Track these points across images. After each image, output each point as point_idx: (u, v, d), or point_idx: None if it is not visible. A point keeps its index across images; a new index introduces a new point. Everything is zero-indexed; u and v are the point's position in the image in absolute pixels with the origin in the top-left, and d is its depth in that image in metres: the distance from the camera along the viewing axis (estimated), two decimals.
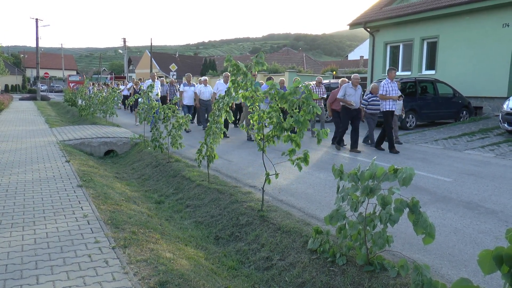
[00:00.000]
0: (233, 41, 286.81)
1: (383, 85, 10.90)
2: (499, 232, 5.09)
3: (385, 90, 10.83)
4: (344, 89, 10.86)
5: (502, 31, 16.33)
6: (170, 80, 20.23)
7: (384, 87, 10.86)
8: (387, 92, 10.82)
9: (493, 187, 7.29)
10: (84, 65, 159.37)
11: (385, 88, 10.83)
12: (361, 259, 3.82)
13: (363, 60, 49.92)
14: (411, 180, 3.18)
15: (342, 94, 10.88)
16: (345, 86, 10.90)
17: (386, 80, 10.93)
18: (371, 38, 22.43)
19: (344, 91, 10.85)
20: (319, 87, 14.10)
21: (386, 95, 10.80)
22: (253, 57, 5.33)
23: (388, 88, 10.82)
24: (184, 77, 16.68)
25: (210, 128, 6.68)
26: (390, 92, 10.81)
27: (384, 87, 10.86)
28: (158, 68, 63.62)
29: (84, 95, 22.63)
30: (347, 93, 10.81)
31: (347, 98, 10.83)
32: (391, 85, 10.83)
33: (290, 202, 6.37)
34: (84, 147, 11.45)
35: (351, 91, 10.83)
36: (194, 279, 3.78)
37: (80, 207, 5.60)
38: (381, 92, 10.92)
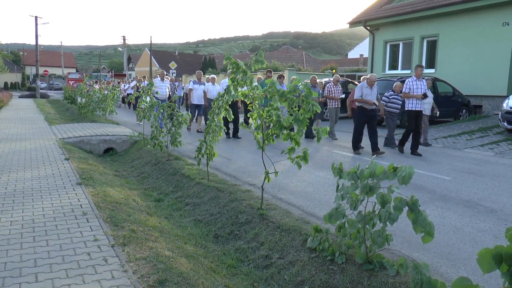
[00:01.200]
0: (232, 39, 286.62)
1: (407, 83, 10.27)
2: (499, 231, 5.09)
3: (409, 88, 10.17)
4: (361, 89, 10.29)
5: (502, 30, 16.32)
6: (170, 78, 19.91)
7: (408, 84, 10.22)
8: (410, 90, 10.14)
9: (493, 186, 7.29)
10: (84, 63, 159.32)
11: (409, 85, 10.16)
12: (360, 258, 3.82)
13: (362, 58, 49.93)
14: (411, 179, 3.18)
15: (359, 94, 10.28)
16: (361, 86, 10.35)
17: (411, 78, 10.24)
18: (371, 37, 22.41)
19: (360, 91, 10.27)
20: (337, 86, 13.35)
21: (409, 94, 10.16)
22: (252, 55, 5.31)
23: (412, 86, 10.13)
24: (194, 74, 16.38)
25: (210, 126, 6.67)
26: (414, 91, 10.12)
27: (408, 85, 10.21)
28: (157, 66, 63.56)
29: (84, 93, 22.61)
30: (364, 92, 10.23)
31: (363, 98, 10.26)
32: (416, 83, 10.14)
33: (289, 201, 6.37)
34: (83, 145, 11.44)
35: (367, 90, 10.25)
36: (193, 277, 3.78)
37: (79, 205, 5.60)
38: (405, 90, 10.30)
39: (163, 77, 15.48)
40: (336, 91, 13.18)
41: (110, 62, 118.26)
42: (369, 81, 10.26)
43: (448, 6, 17.64)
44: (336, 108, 13.18)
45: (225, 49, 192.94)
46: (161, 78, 15.32)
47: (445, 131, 14.22)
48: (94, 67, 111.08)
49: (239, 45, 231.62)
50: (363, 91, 10.21)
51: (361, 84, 10.35)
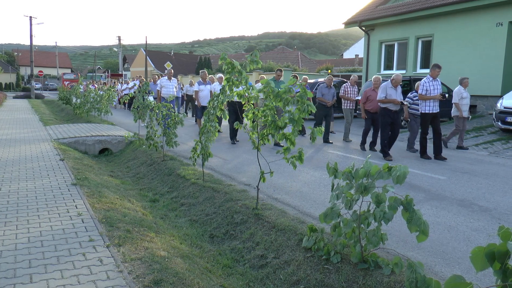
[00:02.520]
0: (228, 40, 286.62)
1: (423, 84, 9.58)
2: (492, 230, 5.12)
3: (425, 89, 9.51)
4: (385, 90, 9.65)
5: (496, 30, 16.41)
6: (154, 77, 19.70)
7: (424, 85, 9.54)
8: (427, 92, 9.49)
9: (487, 185, 7.33)
10: (79, 63, 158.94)
11: (426, 86, 9.50)
12: (355, 257, 3.83)
13: (358, 58, 50.03)
14: (405, 178, 3.19)
15: (383, 95, 9.66)
16: (385, 86, 9.69)
17: (427, 78, 9.59)
18: (366, 37, 22.46)
19: (384, 92, 9.65)
20: (353, 87, 12.80)
21: (426, 95, 9.50)
22: (248, 56, 5.33)
23: (429, 87, 9.47)
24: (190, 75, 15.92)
25: (205, 127, 6.67)
26: (432, 92, 9.46)
27: (424, 86, 9.53)
28: (153, 66, 63.48)
29: (79, 93, 22.54)
30: (388, 93, 9.63)
31: (388, 98, 9.66)
32: (433, 83, 9.49)
33: (284, 200, 6.38)
34: (78, 145, 11.42)
35: (392, 91, 9.65)
36: (189, 277, 3.78)
37: (74, 206, 5.58)
38: (421, 91, 9.60)
39: (171, 76, 14.69)
40: (353, 92, 12.73)
41: (105, 63, 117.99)
42: (393, 82, 9.69)
43: (443, 6, 17.71)
44: (351, 109, 12.72)
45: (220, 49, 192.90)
46: (168, 77, 14.57)
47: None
48: (89, 67, 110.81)
49: (234, 45, 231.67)
50: (388, 92, 9.64)
51: (385, 84, 9.73)
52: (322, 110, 12.30)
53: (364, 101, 11.13)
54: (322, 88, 12.39)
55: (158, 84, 14.51)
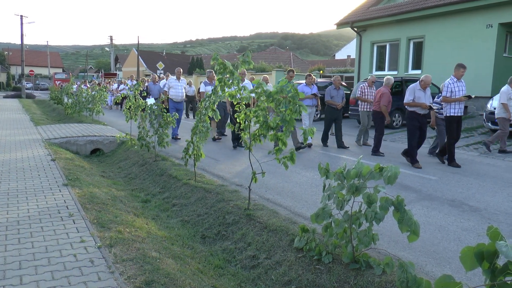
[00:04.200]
0: (220, 40, 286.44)
1: (447, 85, 8.93)
2: (482, 229, 5.16)
3: (450, 90, 8.85)
4: (413, 92, 9.00)
5: (486, 32, 16.57)
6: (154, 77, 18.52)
7: (448, 87, 8.89)
8: (452, 94, 8.83)
9: (477, 185, 7.39)
10: (71, 62, 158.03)
11: (450, 88, 8.86)
12: (347, 257, 3.85)
13: (350, 59, 50.15)
14: (396, 179, 3.21)
15: (411, 98, 9.01)
16: (413, 88, 9.05)
17: (452, 79, 8.95)
18: (358, 38, 22.55)
19: (412, 94, 9.01)
20: (371, 88, 12.12)
21: (451, 97, 8.83)
22: (240, 56, 5.33)
23: (453, 88, 8.85)
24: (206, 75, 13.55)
25: (197, 127, 6.66)
26: (457, 94, 8.82)
27: (448, 87, 8.89)
28: (145, 66, 63.26)
29: (70, 93, 22.40)
30: (416, 95, 8.99)
31: (416, 101, 9.00)
32: (457, 84, 8.87)
33: (276, 201, 6.39)
34: (70, 145, 11.35)
35: (420, 93, 8.99)
36: (180, 278, 3.77)
37: (65, 206, 5.55)
38: (445, 93, 8.93)
39: (180, 76, 13.35)
40: (370, 93, 11.99)
41: (97, 62, 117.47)
42: (423, 83, 9.00)
43: (434, 8, 17.85)
44: (369, 111, 11.94)
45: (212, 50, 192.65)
46: (177, 76, 13.29)
47: (431, 132, 14.33)
48: (81, 67, 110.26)
49: (226, 45, 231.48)
50: (416, 94, 8.99)
51: (414, 86, 9.09)
52: (331, 114, 11.66)
53: (387, 103, 10.37)
54: (331, 90, 11.64)
55: (166, 85, 13.40)
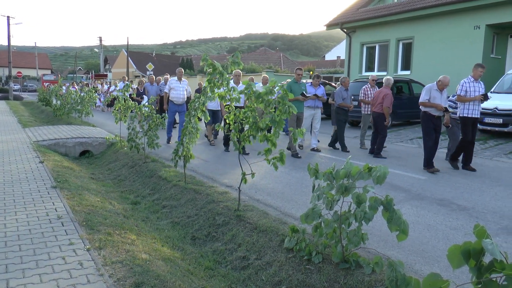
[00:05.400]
0: (210, 41, 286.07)
1: (462, 84, 8.61)
2: (470, 228, 5.20)
3: (465, 89, 8.55)
4: (429, 92, 8.65)
5: (474, 33, 16.76)
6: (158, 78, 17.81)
7: (463, 86, 8.58)
8: (467, 93, 8.52)
9: (465, 185, 7.45)
10: (59, 64, 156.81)
11: (465, 87, 8.55)
12: (336, 257, 3.86)
13: (340, 60, 50.38)
14: (385, 179, 3.23)
15: (427, 97, 8.66)
16: (429, 87, 8.71)
17: (468, 78, 8.64)
18: (347, 39, 22.66)
19: (428, 94, 8.65)
20: (374, 89, 11.56)
21: (466, 97, 8.52)
22: (229, 57, 5.33)
23: (468, 87, 8.52)
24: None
25: (186, 128, 6.65)
26: (471, 94, 8.49)
27: (463, 86, 8.57)
28: (134, 67, 62.99)
29: (59, 94, 22.22)
30: (432, 95, 8.63)
31: (431, 102, 8.66)
32: (474, 84, 8.53)
33: (266, 202, 6.39)
34: (58, 147, 11.27)
35: (436, 94, 8.62)
36: (170, 280, 3.76)
37: (54, 209, 5.51)
38: (459, 92, 8.62)
39: (181, 77, 12.59)
40: (372, 95, 11.31)
41: (86, 63, 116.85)
42: (440, 84, 8.64)
43: (423, 9, 18.01)
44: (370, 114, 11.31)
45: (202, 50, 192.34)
46: (178, 77, 12.50)
47: (420, 131, 14.43)
48: (70, 68, 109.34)
49: (216, 46, 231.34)
50: (431, 94, 8.64)
51: (430, 86, 8.75)
52: (343, 116, 11.19)
53: (390, 104, 10.22)
54: (342, 92, 11.15)
55: (167, 86, 12.79)
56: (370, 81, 11.81)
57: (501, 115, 12.28)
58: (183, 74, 12.76)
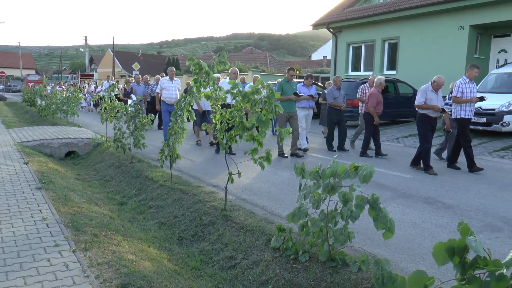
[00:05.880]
0: (197, 40, 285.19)
1: (458, 85, 8.54)
2: (455, 226, 5.22)
3: (461, 91, 8.47)
4: (424, 93, 8.49)
5: (458, 33, 16.98)
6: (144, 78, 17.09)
7: (460, 87, 8.50)
8: (463, 94, 8.45)
9: (450, 183, 7.54)
10: (44, 64, 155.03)
11: (461, 88, 8.47)
12: (323, 255, 3.88)
13: (326, 60, 50.58)
14: (371, 177, 3.25)
15: (423, 100, 8.49)
16: (425, 89, 8.53)
17: (463, 79, 8.55)
18: (333, 39, 22.76)
19: (424, 96, 8.49)
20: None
21: (462, 98, 8.47)
22: (215, 56, 5.32)
23: (465, 88, 8.45)
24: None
25: (173, 128, 6.62)
26: (468, 95, 8.44)
27: (460, 87, 8.49)
28: (120, 67, 62.58)
29: (43, 95, 21.98)
30: (428, 97, 8.46)
31: (428, 104, 8.51)
32: (469, 85, 8.47)
33: (253, 201, 6.39)
34: (43, 148, 11.14)
35: (432, 95, 8.46)
36: (157, 280, 3.74)
37: (39, 210, 5.44)
38: (455, 93, 8.55)
39: (173, 76, 12.26)
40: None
41: (71, 63, 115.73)
42: (435, 84, 8.48)
43: (408, 10, 18.18)
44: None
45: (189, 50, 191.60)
46: (170, 77, 12.19)
47: (406, 130, 14.59)
48: (55, 68, 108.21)
49: (203, 46, 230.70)
50: (427, 96, 8.48)
51: (425, 88, 8.56)
52: (335, 116, 11.10)
53: (375, 104, 10.15)
54: (333, 91, 11.08)
55: (158, 86, 12.57)
56: (370, 81, 11.56)
57: (485, 114, 12.45)
58: (174, 74, 12.44)
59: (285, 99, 9.63)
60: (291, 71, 10.17)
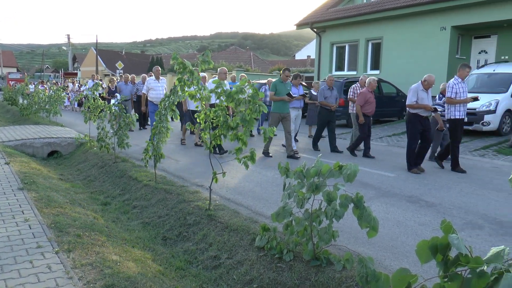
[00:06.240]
0: (180, 39, 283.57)
1: (452, 86, 8.43)
2: (438, 224, 5.33)
3: (455, 91, 8.37)
4: (416, 93, 8.40)
5: (440, 34, 17.21)
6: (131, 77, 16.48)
7: (453, 87, 8.39)
8: (457, 95, 8.36)
9: (433, 182, 7.63)
10: (26, 62, 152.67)
11: (455, 89, 8.37)
12: (307, 254, 3.90)
13: (310, 59, 50.70)
14: (356, 176, 3.28)
15: (414, 99, 8.41)
16: (415, 88, 8.44)
17: (456, 79, 8.47)
18: (317, 38, 22.86)
19: (415, 96, 8.40)
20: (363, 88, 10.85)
21: (455, 99, 8.37)
22: (199, 56, 5.30)
23: (458, 89, 8.37)
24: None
25: (157, 127, 6.59)
26: (461, 95, 8.36)
27: (453, 88, 8.39)
28: (104, 66, 61.97)
29: (25, 93, 21.66)
30: (419, 96, 8.40)
31: (419, 103, 8.43)
32: (462, 85, 8.41)
33: (237, 201, 6.39)
34: (25, 148, 10.99)
35: (424, 94, 8.42)
36: (141, 281, 3.72)
37: (21, 211, 5.37)
38: (449, 94, 8.42)
39: (159, 76, 12.14)
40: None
41: (54, 62, 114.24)
42: (426, 83, 8.43)
43: (391, 10, 18.36)
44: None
45: (172, 49, 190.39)
46: (155, 76, 12.09)
47: (389, 130, 14.72)
48: (37, 66, 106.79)
49: (187, 45, 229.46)
50: (419, 95, 8.39)
51: (416, 87, 8.48)
52: (325, 115, 10.98)
53: (363, 103, 10.05)
54: (324, 91, 11.03)
55: (145, 87, 12.37)
56: (361, 81, 11.30)
57: (466, 113, 12.58)
58: (160, 73, 12.28)
59: (278, 100, 9.54)
60: (286, 71, 9.99)
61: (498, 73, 13.50)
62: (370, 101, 10.06)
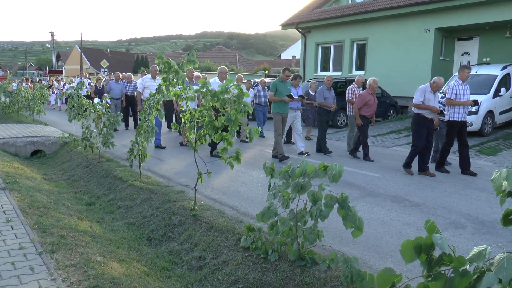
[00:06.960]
0: (165, 38, 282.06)
1: (452, 87, 8.38)
2: (422, 223, 5.38)
3: (455, 93, 8.31)
4: (423, 93, 8.22)
5: (424, 36, 17.41)
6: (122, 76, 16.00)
7: (453, 89, 8.34)
8: (457, 96, 8.31)
9: (417, 182, 7.70)
10: (8, 59, 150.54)
11: (455, 90, 8.32)
12: (292, 255, 3.91)
13: (295, 59, 50.88)
14: (341, 177, 3.29)
15: (421, 99, 8.23)
16: (423, 88, 8.28)
17: (457, 81, 8.43)
18: (303, 39, 22.91)
19: (423, 96, 8.23)
20: (360, 89, 11.03)
21: (456, 100, 8.31)
22: (185, 55, 5.28)
23: (458, 90, 8.31)
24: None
25: (141, 127, 6.55)
26: (461, 97, 8.31)
27: (453, 90, 8.33)
28: (88, 64, 61.39)
29: (8, 91, 21.32)
30: (426, 97, 8.22)
31: (426, 104, 8.25)
32: (462, 87, 8.35)
33: (222, 201, 6.38)
34: (8, 147, 10.83)
35: (431, 96, 8.23)
36: (126, 282, 3.70)
37: (2, 212, 5.29)
38: (449, 95, 8.35)
39: (155, 75, 11.85)
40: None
41: (37, 59, 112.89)
42: (434, 85, 8.22)
43: (376, 11, 18.49)
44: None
45: (158, 48, 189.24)
46: (152, 75, 11.82)
47: (374, 130, 14.80)
48: (20, 64, 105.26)
49: (172, 44, 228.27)
50: (426, 96, 8.22)
51: (424, 87, 8.30)
52: (325, 116, 10.87)
53: (361, 106, 9.81)
54: (323, 91, 10.87)
55: (140, 85, 12.05)
56: (358, 82, 11.12)
57: None
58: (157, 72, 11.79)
59: (278, 100, 9.33)
60: (286, 71, 9.66)
61: (480, 75, 13.68)
62: (370, 104, 9.83)
